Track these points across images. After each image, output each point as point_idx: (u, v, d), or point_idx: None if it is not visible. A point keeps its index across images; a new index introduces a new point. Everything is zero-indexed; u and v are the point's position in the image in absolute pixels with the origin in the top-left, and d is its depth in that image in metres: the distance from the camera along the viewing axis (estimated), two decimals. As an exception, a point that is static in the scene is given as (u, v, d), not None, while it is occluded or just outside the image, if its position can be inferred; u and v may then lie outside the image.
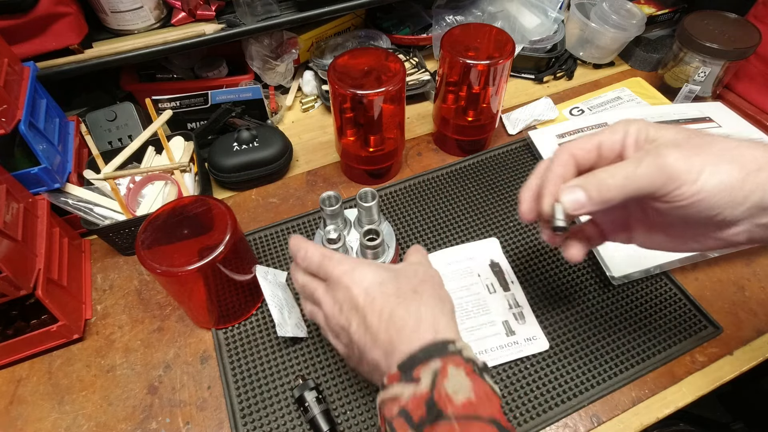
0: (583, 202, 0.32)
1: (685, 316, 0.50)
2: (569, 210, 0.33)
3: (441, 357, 0.30)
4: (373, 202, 0.49)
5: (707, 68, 0.68)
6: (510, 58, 0.57)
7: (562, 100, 0.75)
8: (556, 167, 0.35)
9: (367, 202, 0.49)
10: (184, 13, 0.65)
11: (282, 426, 0.44)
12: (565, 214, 0.33)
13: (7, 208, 0.45)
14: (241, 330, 0.51)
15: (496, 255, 0.56)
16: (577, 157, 0.35)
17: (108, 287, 0.56)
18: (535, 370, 0.47)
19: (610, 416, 0.44)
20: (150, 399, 0.47)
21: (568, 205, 0.33)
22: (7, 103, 0.48)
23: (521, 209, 0.38)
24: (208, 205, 0.46)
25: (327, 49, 0.77)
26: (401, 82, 0.54)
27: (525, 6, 0.77)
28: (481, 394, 0.29)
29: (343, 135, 0.61)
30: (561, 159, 0.35)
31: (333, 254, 0.36)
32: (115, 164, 0.55)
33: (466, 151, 0.68)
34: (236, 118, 0.66)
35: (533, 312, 0.51)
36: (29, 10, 0.55)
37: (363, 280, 0.34)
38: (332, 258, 0.36)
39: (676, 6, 0.81)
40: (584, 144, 0.35)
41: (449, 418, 0.28)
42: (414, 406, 0.29)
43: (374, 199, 0.49)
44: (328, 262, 0.36)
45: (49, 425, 0.46)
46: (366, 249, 0.47)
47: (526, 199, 0.37)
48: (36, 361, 0.50)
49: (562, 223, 0.33)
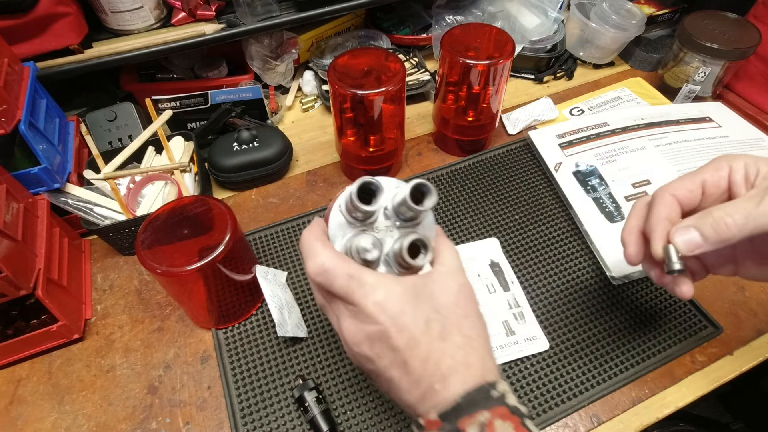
0: (699, 243, 0.31)
1: (685, 316, 0.50)
2: (684, 251, 0.32)
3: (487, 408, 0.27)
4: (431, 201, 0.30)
5: (707, 68, 0.68)
6: (510, 58, 0.57)
7: (562, 100, 0.75)
8: (661, 208, 0.34)
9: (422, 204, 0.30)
10: (184, 13, 0.65)
11: (282, 426, 0.44)
12: (678, 255, 0.33)
13: (7, 208, 0.45)
14: (241, 330, 0.51)
15: (496, 255, 0.56)
16: (680, 198, 0.34)
17: (108, 287, 0.56)
18: (535, 370, 0.47)
19: (610, 416, 0.44)
20: (150, 399, 0.47)
21: (682, 246, 0.32)
22: (7, 103, 0.48)
23: (628, 252, 0.37)
24: (208, 205, 0.46)
25: (327, 49, 0.77)
26: (401, 82, 0.54)
27: (525, 6, 0.77)
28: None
29: (343, 135, 0.61)
30: (664, 200, 0.34)
31: (362, 275, 0.29)
32: (115, 164, 0.55)
33: (466, 151, 0.68)
34: (236, 118, 0.67)
35: (533, 312, 0.51)
36: (29, 10, 0.55)
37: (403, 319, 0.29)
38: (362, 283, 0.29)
39: (676, 6, 0.81)
40: (687, 183, 0.34)
41: None
42: None
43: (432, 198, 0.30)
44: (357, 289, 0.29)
45: (49, 425, 0.46)
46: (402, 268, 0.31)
47: (632, 242, 0.37)
48: (36, 361, 0.50)
49: (678, 266, 0.33)
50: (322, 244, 0.30)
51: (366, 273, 0.29)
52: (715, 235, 0.31)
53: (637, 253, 0.37)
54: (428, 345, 0.29)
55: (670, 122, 0.66)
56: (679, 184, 0.34)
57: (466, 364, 0.29)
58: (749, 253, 0.36)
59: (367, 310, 0.29)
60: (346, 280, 0.29)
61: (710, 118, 0.66)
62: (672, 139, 0.63)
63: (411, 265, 0.30)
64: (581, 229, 0.57)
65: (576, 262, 0.55)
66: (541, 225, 0.59)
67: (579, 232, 0.58)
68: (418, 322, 0.29)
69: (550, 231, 0.58)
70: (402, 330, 0.28)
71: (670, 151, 0.61)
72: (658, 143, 0.62)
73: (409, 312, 0.29)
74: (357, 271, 0.29)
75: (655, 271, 0.38)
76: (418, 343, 0.29)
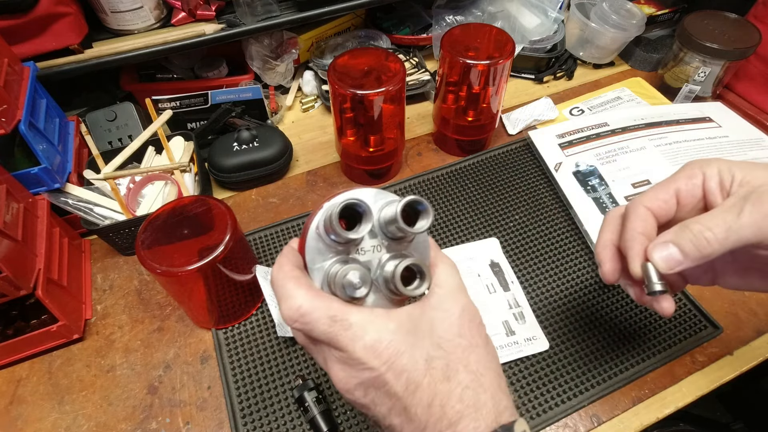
0: (679, 260, 0.30)
1: (685, 316, 0.50)
2: (664, 269, 0.30)
3: None
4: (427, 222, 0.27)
5: (707, 68, 0.68)
6: (510, 58, 0.57)
7: (562, 100, 0.75)
8: (636, 223, 0.32)
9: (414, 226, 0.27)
10: (184, 13, 0.65)
11: (282, 426, 0.44)
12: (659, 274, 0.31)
13: (7, 208, 0.45)
14: (241, 330, 0.51)
15: (496, 255, 0.56)
16: (654, 210, 0.32)
17: (108, 287, 0.56)
18: (535, 370, 0.47)
19: (610, 416, 0.44)
20: (150, 399, 0.47)
21: (662, 264, 0.30)
22: (7, 103, 0.48)
23: (603, 270, 0.35)
24: (208, 205, 0.46)
25: (327, 49, 0.77)
26: (401, 82, 0.54)
27: (525, 6, 0.77)
28: None
29: (343, 135, 0.61)
30: (639, 213, 0.32)
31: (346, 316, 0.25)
32: (115, 164, 0.55)
33: (466, 151, 0.68)
34: (236, 118, 0.67)
35: (533, 312, 0.51)
36: (29, 10, 0.55)
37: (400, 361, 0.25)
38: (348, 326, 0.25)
39: (676, 6, 0.81)
40: (661, 194, 0.32)
41: None
42: None
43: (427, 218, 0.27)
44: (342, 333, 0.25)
45: (49, 425, 0.46)
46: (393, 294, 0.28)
47: (607, 258, 0.35)
48: (36, 361, 0.50)
49: (659, 286, 0.31)
50: (295, 282, 0.26)
51: (351, 312, 0.26)
52: (696, 251, 0.29)
53: (614, 270, 0.35)
54: (431, 388, 0.25)
55: (670, 122, 0.66)
56: (653, 195, 0.33)
57: (476, 407, 0.25)
58: (729, 264, 0.35)
59: (356, 355, 0.25)
60: (329, 323, 0.25)
61: (710, 118, 0.66)
62: (672, 139, 0.63)
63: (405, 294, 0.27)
64: (581, 229, 0.57)
65: (576, 262, 0.55)
66: (541, 225, 0.59)
67: (579, 232, 0.58)
68: (418, 362, 0.25)
69: (550, 231, 0.58)
70: (399, 374, 0.25)
71: (670, 151, 0.61)
72: (658, 143, 0.62)
73: (406, 352, 0.25)
74: (340, 311, 0.25)
75: (634, 289, 0.36)
76: (419, 386, 0.25)
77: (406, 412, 0.25)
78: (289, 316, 0.26)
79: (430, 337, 0.26)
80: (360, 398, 0.26)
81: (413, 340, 0.26)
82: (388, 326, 0.25)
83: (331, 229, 0.26)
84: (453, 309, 0.27)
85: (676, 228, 0.30)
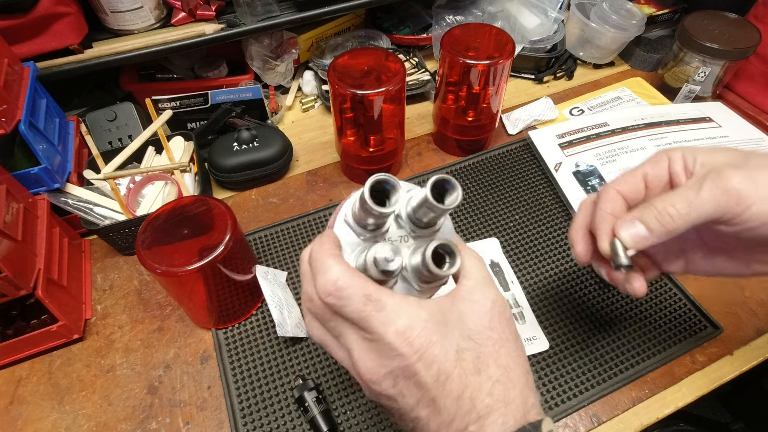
0: (644, 235, 0.31)
1: (685, 316, 0.50)
2: (630, 245, 0.31)
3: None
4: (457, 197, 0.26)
5: (707, 68, 0.68)
6: (510, 58, 0.57)
7: (562, 100, 0.75)
8: (606, 204, 0.34)
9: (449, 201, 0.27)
10: (184, 13, 0.65)
11: (282, 426, 0.44)
12: (625, 250, 0.32)
13: (7, 208, 0.45)
14: (241, 330, 0.51)
15: (496, 255, 0.56)
16: (624, 193, 0.34)
17: (108, 287, 0.56)
18: (535, 370, 0.47)
19: (610, 416, 0.44)
20: (150, 399, 0.47)
21: (628, 240, 0.31)
22: (7, 103, 0.48)
23: (576, 252, 0.36)
24: (208, 205, 0.46)
25: (327, 49, 0.77)
26: (401, 82, 0.54)
27: (525, 6, 0.77)
28: None
29: (343, 135, 0.61)
30: (609, 195, 0.34)
31: (380, 297, 0.25)
32: (115, 164, 0.55)
33: (466, 151, 0.68)
34: (236, 118, 0.66)
35: (533, 312, 0.51)
36: (29, 10, 0.55)
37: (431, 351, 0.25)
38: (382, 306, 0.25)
39: (676, 6, 0.81)
40: (628, 178, 0.34)
41: None
42: None
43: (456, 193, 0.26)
44: (375, 314, 0.25)
45: (49, 425, 0.46)
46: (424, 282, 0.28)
47: (578, 240, 0.36)
48: (36, 361, 0.50)
49: (625, 260, 0.32)
50: (334, 258, 0.26)
51: (386, 294, 0.25)
52: (661, 227, 0.30)
53: (586, 251, 0.36)
54: (462, 380, 0.25)
55: (670, 122, 0.66)
56: (622, 179, 0.34)
57: (505, 402, 0.25)
58: (697, 245, 0.36)
59: (387, 339, 0.24)
60: (363, 301, 0.25)
61: (710, 118, 0.66)
62: (672, 139, 0.63)
63: (437, 275, 0.26)
64: (581, 229, 0.57)
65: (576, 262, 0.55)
66: (541, 225, 0.59)
67: (579, 232, 0.58)
68: (449, 353, 0.25)
69: (550, 231, 0.58)
70: (430, 364, 0.24)
71: (670, 151, 0.61)
72: (658, 143, 0.62)
73: (437, 342, 0.25)
74: (375, 291, 0.25)
75: (605, 268, 0.37)
76: (450, 377, 0.25)
77: (434, 403, 0.25)
78: (324, 290, 0.25)
79: (461, 328, 0.26)
80: (387, 389, 0.26)
81: (445, 330, 0.25)
82: (421, 314, 0.25)
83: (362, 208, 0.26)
84: (483, 301, 0.27)
85: (641, 206, 0.32)
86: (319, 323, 0.28)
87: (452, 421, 0.25)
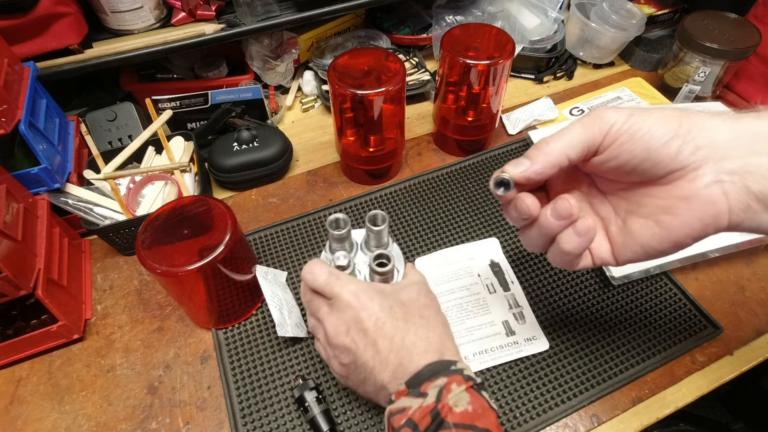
0: (526, 164, 0.32)
1: (685, 316, 0.50)
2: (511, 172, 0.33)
3: (446, 375, 0.33)
4: (383, 225, 0.47)
5: (707, 68, 0.68)
6: (510, 58, 0.57)
7: (562, 100, 0.75)
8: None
9: (377, 225, 0.47)
10: (184, 13, 0.65)
11: (282, 426, 0.44)
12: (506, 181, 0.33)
13: (7, 208, 0.45)
14: (241, 330, 0.51)
15: (496, 255, 0.56)
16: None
17: (108, 287, 0.56)
18: (535, 370, 0.47)
19: (610, 416, 0.44)
20: (150, 399, 0.47)
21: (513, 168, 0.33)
22: (7, 103, 0.48)
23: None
24: (208, 205, 0.46)
25: (327, 49, 0.77)
26: (401, 82, 0.54)
27: (525, 6, 0.77)
28: (477, 407, 0.32)
29: (343, 135, 0.61)
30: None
31: (340, 274, 0.38)
32: (115, 164, 0.55)
33: (466, 151, 0.68)
34: (236, 118, 0.66)
35: (533, 312, 0.51)
36: (29, 10, 0.55)
37: (371, 305, 0.36)
38: (339, 278, 0.38)
39: (676, 6, 0.81)
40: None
41: (449, 426, 0.31)
42: (420, 417, 0.32)
43: (384, 222, 0.47)
44: (335, 281, 0.37)
45: (49, 425, 0.46)
46: (375, 275, 0.45)
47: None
48: (36, 361, 0.50)
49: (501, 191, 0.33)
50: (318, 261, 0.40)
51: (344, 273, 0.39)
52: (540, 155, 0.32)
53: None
54: (393, 325, 0.36)
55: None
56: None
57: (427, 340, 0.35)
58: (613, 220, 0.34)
59: (342, 296, 0.36)
60: (327, 276, 0.38)
61: (710, 118, 0.66)
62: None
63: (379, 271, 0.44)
64: (581, 229, 0.57)
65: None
66: (541, 225, 0.59)
67: (579, 232, 0.57)
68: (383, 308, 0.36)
69: (550, 231, 0.58)
70: (370, 314, 0.36)
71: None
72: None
73: (376, 300, 0.36)
74: (337, 271, 0.39)
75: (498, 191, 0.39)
76: (384, 323, 0.35)
77: (375, 345, 0.35)
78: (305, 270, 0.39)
79: (395, 297, 0.38)
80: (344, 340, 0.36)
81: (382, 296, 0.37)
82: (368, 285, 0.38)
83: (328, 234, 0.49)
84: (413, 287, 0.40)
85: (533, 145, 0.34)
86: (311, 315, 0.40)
87: (388, 358, 0.35)
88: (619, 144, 0.30)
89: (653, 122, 0.30)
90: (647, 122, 0.30)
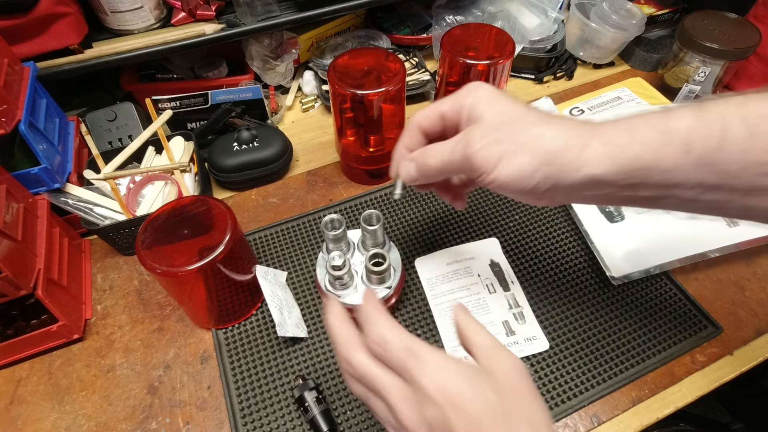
0: (414, 176, 0.38)
1: (685, 316, 0.50)
2: (406, 181, 0.39)
3: None
4: (378, 224, 0.47)
5: (707, 68, 0.68)
6: (510, 58, 0.57)
7: (562, 100, 0.75)
8: (405, 138, 0.40)
9: (372, 225, 0.47)
10: (184, 13, 0.65)
11: (282, 426, 0.44)
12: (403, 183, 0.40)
13: (7, 208, 0.45)
14: (241, 330, 0.51)
15: (496, 255, 0.56)
16: (424, 127, 0.39)
17: (108, 287, 0.56)
18: (535, 370, 0.47)
19: (610, 416, 0.44)
20: (150, 399, 0.47)
21: (404, 176, 0.39)
22: (7, 103, 0.48)
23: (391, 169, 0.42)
24: (208, 205, 0.46)
25: (327, 49, 0.77)
26: (401, 82, 0.54)
27: (525, 6, 0.77)
28: None
29: (343, 135, 0.61)
30: (409, 129, 0.39)
31: (420, 349, 0.29)
32: (115, 164, 0.55)
33: (466, 151, 0.68)
34: (236, 118, 0.66)
35: (533, 312, 0.51)
36: (29, 10, 0.55)
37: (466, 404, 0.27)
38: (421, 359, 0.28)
39: (676, 6, 0.81)
40: (430, 113, 0.38)
41: None
42: None
43: (379, 221, 0.47)
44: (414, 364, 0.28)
45: (49, 425, 0.46)
46: (372, 274, 0.45)
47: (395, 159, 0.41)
48: (36, 361, 0.50)
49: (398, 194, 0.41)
50: (379, 312, 0.31)
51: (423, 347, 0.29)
52: (423, 171, 0.37)
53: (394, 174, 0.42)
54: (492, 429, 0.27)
55: (670, 122, 0.65)
56: (424, 113, 0.39)
57: None
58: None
59: (429, 391, 0.27)
60: (406, 353, 0.28)
61: (710, 118, 0.66)
62: (672, 139, 0.63)
63: (374, 271, 0.44)
64: (581, 229, 0.57)
65: (576, 262, 0.55)
66: (541, 225, 0.59)
67: (579, 232, 0.58)
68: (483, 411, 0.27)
69: (550, 231, 0.58)
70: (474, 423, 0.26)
71: (670, 151, 0.61)
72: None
73: (471, 398, 0.27)
74: (416, 344, 0.29)
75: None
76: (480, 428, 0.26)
77: None
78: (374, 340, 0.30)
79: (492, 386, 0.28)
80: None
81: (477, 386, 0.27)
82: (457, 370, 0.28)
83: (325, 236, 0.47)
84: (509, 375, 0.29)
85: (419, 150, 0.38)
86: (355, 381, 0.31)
87: None
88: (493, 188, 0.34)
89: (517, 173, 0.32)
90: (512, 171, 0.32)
